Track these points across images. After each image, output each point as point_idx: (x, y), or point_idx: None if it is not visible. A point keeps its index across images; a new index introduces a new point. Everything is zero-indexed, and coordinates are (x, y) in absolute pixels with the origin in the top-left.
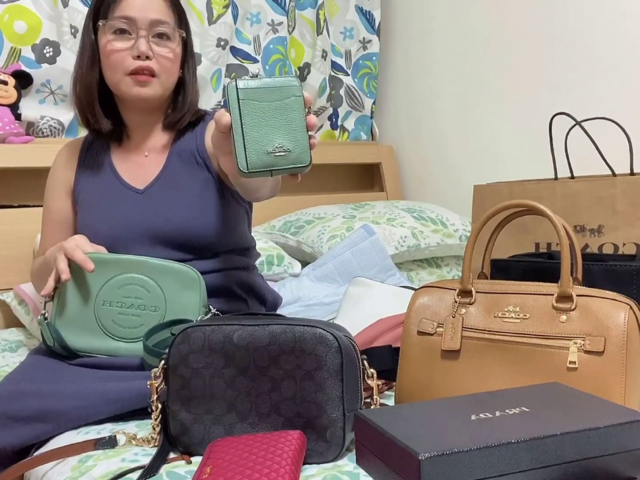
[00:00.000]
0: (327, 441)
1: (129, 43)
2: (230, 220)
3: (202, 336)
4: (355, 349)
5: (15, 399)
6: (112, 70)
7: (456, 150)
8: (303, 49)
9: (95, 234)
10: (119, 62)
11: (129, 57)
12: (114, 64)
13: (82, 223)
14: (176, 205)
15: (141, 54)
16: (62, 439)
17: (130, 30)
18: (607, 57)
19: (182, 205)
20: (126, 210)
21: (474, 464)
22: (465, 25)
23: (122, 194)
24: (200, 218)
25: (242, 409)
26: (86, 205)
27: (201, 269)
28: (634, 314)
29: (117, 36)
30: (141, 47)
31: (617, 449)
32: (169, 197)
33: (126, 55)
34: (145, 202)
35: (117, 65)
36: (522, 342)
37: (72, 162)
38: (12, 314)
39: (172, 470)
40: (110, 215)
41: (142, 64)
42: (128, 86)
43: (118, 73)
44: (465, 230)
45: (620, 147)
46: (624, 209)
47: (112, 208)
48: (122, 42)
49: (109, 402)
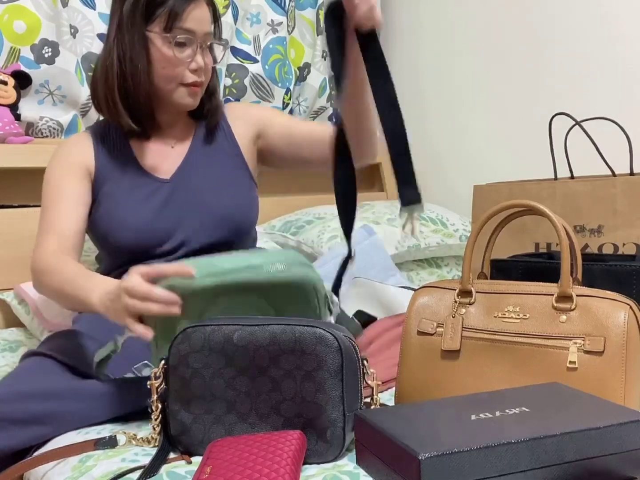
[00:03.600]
0: (327, 441)
1: (186, 55)
2: (255, 203)
3: (202, 336)
4: (355, 349)
5: (14, 401)
6: (166, 79)
7: (455, 150)
8: (303, 49)
9: (121, 224)
10: (178, 74)
11: (185, 68)
12: (172, 75)
13: (104, 214)
14: (207, 191)
15: (199, 68)
16: (62, 439)
17: (188, 42)
18: (607, 57)
19: (214, 189)
20: (155, 201)
21: (474, 464)
22: (463, 26)
23: (150, 185)
24: (233, 198)
25: (242, 409)
26: (114, 198)
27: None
28: (634, 314)
29: (177, 48)
30: (200, 62)
31: (617, 449)
32: (199, 184)
33: (184, 67)
34: (174, 191)
35: (174, 76)
36: (522, 342)
37: (88, 148)
38: (12, 314)
39: (172, 470)
40: (139, 206)
41: (198, 79)
42: (181, 96)
43: (173, 83)
44: (465, 230)
45: (620, 147)
46: (624, 209)
47: (140, 199)
48: (181, 54)
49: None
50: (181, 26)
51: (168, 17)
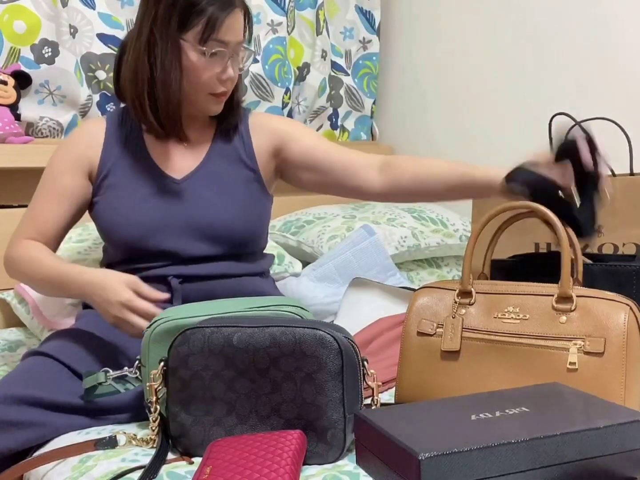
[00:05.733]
0: (327, 443)
1: (219, 65)
2: (265, 218)
3: (202, 338)
4: (356, 350)
5: (14, 404)
6: (197, 88)
7: (456, 150)
8: (303, 49)
9: (125, 219)
10: (209, 84)
11: (216, 79)
12: (203, 84)
13: (109, 206)
14: (217, 200)
15: (230, 80)
16: (62, 439)
17: (221, 53)
18: (607, 57)
19: (223, 200)
20: (163, 199)
21: (474, 464)
22: (465, 25)
23: (158, 182)
24: (242, 213)
25: (242, 411)
26: (118, 189)
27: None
28: (634, 314)
29: (210, 58)
30: (231, 73)
31: (617, 449)
32: (210, 190)
33: (215, 77)
34: (184, 193)
35: (205, 86)
36: (522, 342)
37: (97, 140)
38: (12, 314)
39: (172, 471)
40: (145, 203)
41: (226, 89)
42: (208, 104)
43: (202, 93)
44: (465, 230)
45: (619, 147)
46: (624, 209)
47: (147, 195)
48: (214, 65)
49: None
50: (216, 37)
51: (205, 28)
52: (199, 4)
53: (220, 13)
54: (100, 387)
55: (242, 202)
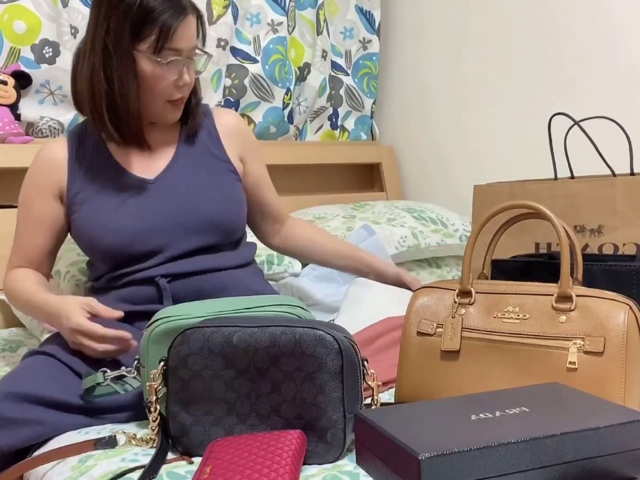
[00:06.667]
0: (327, 443)
1: (174, 73)
2: (243, 205)
3: (202, 338)
4: (356, 350)
5: (15, 402)
6: (154, 97)
7: (456, 150)
8: (303, 49)
9: (104, 228)
10: (166, 92)
11: (173, 86)
12: (160, 93)
13: (85, 219)
14: (193, 190)
15: (186, 85)
16: (62, 439)
17: (175, 60)
18: (607, 56)
19: (199, 189)
20: (138, 201)
21: (474, 464)
22: (464, 25)
23: (131, 185)
24: (219, 200)
25: (242, 411)
26: (91, 202)
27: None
28: (634, 314)
29: (166, 67)
30: (187, 79)
31: (617, 449)
32: (185, 183)
33: (171, 85)
34: (159, 191)
35: (162, 94)
36: (521, 342)
37: (60, 161)
38: (12, 314)
39: (172, 471)
40: (121, 208)
41: (184, 96)
42: (166, 112)
43: (160, 101)
44: (465, 230)
45: (620, 147)
46: (624, 209)
47: (122, 201)
48: (169, 73)
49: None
50: (170, 47)
51: (158, 39)
52: (151, 14)
53: (173, 22)
54: (99, 387)
55: (217, 189)
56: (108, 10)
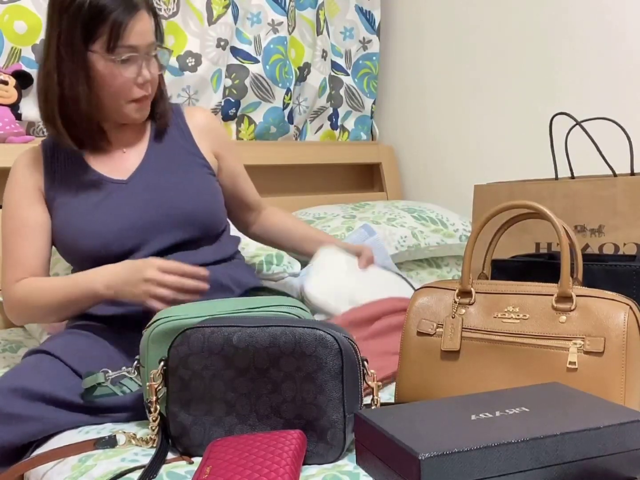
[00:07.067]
0: (327, 443)
1: (132, 71)
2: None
3: (202, 338)
4: (355, 350)
5: (16, 398)
6: (114, 97)
7: (456, 150)
8: (303, 49)
9: (81, 231)
10: (125, 91)
11: (133, 85)
12: (119, 92)
13: (62, 224)
14: (167, 186)
15: (147, 82)
16: (62, 438)
17: (132, 58)
18: (607, 56)
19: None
20: (113, 202)
21: (474, 464)
22: (465, 25)
23: (105, 188)
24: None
25: (242, 411)
26: (66, 206)
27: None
28: (634, 314)
29: (122, 65)
30: (147, 75)
31: (617, 449)
32: (158, 180)
33: (131, 83)
34: (133, 191)
35: (122, 93)
36: (522, 342)
37: (37, 167)
38: None
39: (172, 471)
40: (97, 211)
41: (146, 93)
42: (130, 112)
43: (121, 100)
44: (465, 230)
45: (620, 147)
46: (625, 209)
47: (97, 203)
48: (127, 71)
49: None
50: (124, 44)
51: (110, 37)
52: (101, 12)
53: (123, 18)
54: (99, 388)
55: (190, 184)
56: (59, 14)
